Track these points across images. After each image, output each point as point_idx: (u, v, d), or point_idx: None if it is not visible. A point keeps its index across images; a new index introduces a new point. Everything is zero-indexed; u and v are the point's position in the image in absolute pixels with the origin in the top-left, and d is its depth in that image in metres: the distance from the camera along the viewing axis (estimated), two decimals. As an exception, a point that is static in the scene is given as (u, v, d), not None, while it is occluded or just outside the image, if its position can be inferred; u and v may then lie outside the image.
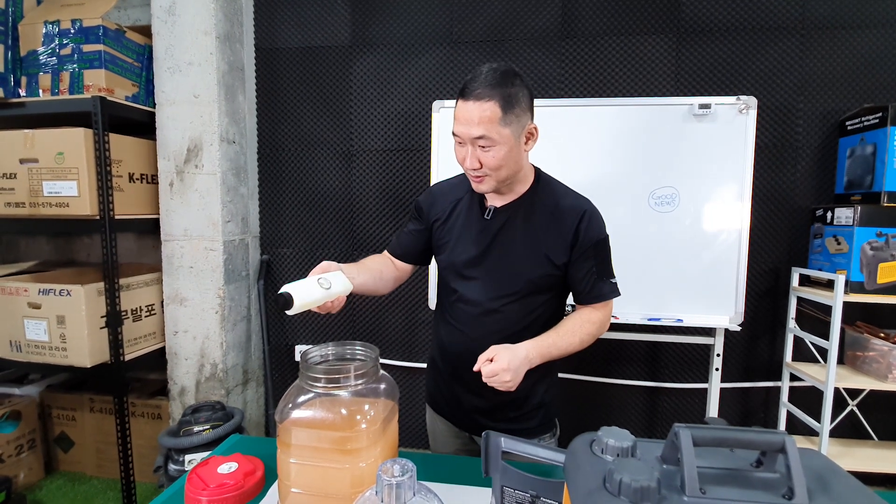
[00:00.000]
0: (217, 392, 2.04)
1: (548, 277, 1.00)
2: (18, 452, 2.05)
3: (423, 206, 1.13)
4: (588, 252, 0.99)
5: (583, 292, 1.01)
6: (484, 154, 0.92)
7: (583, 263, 0.99)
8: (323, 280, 0.89)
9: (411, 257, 1.15)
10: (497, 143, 0.91)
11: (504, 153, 0.92)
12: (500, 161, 0.92)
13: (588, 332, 1.00)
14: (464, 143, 0.93)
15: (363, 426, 0.74)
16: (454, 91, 1.97)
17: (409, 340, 2.14)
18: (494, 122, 0.89)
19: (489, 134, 0.90)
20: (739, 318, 1.58)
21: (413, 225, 1.15)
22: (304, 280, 0.88)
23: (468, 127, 0.91)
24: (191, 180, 1.95)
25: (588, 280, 1.00)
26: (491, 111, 0.89)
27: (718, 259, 1.59)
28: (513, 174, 0.97)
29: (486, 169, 0.94)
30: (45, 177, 1.74)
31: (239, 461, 0.95)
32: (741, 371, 1.93)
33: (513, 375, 0.87)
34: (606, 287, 1.01)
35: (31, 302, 1.78)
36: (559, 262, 0.99)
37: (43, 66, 1.78)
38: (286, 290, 0.83)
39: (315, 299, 0.86)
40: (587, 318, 1.01)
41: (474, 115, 0.89)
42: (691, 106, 1.57)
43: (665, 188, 1.60)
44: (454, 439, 1.16)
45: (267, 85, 2.11)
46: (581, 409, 2.04)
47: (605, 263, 1.02)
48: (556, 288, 1.03)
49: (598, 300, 1.01)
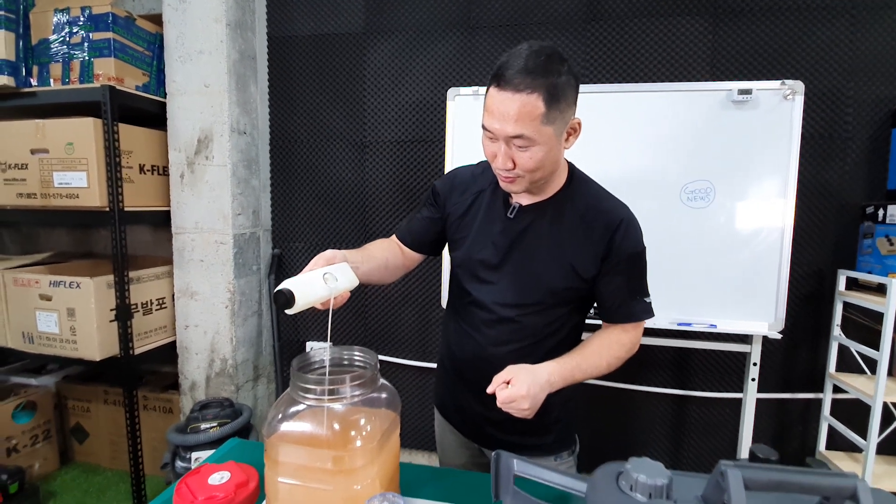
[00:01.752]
0: (227, 388, 2.01)
1: (572, 290, 0.89)
2: (34, 443, 2.07)
3: (440, 191, 1.01)
4: (621, 266, 0.87)
5: (611, 310, 0.90)
6: (520, 154, 0.79)
7: (613, 278, 0.88)
8: (329, 276, 0.77)
9: (421, 246, 1.04)
10: (536, 143, 0.77)
11: (543, 154, 0.79)
12: (537, 163, 0.79)
13: (616, 355, 0.89)
14: (495, 138, 0.80)
15: (358, 443, 0.67)
16: (470, 79, 1.87)
17: (422, 339, 2.06)
18: (536, 119, 0.75)
19: (528, 133, 0.76)
20: (780, 324, 1.45)
21: (427, 211, 1.03)
22: (307, 274, 0.76)
23: (503, 123, 0.76)
24: (201, 172, 1.91)
25: (618, 297, 0.89)
26: (532, 106, 0.74)
27: (758, 260, 1.46)
28: (548, 175, 0.86)
29: (520, 170, 0.81)
30: (56, 167, 1.72)
31: (232, 470, 0.89)
32: (778, 381, 1.79)
33: (532, 403, 0.77)
34: (638, 306, 0.90)
35: (43, 294, 1.77)
36: (586, 275, 0.88)
37: (54, 55, 1.76)
38: (286, 287, 0.71)
39: (319, 297, 0.75)
40: (615, 339, 0.90)
41: (511, 109, 0.75)
42: (730, 92, 1.44)
43: (699, 182, 1.48)
44: (463, 450, 1.07)
45: (279, 74, 2.06)
46: (601, 417, 1.93)
47: (639, 279, 0.90)
48: (578, 301, 0.93)
49: (628, 320, 0.90)
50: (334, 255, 0.82)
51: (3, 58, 1.68)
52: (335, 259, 0.82)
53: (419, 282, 2.01)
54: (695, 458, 1.90)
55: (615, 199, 0.91)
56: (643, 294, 0.90)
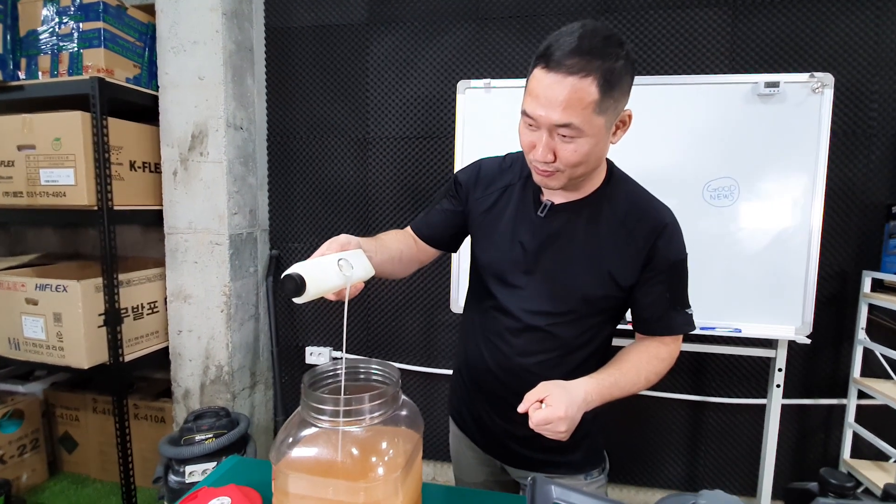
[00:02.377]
0: (223, 396, 1.92)
1: (608, 299, 0.82)
2: (21, 453, 1.96)
3: (462, 182, 0.93)
4: (663, 275, 0.80)
5: (650, 321, 0.83)
6: (563, 146, 0.70)
7: (654, 287, 0.80)
8: (344, 262, 0.67)
9: (438, 241, 0.96)
10: (584, 135, 0.69)
11: (589, 148, 0.70)
12: (581, 157, 0.71)
13: (655, 370, 0.82)
14: (537, 126, 0.71)
15: (380, 472, 0.59)
16: (480, 72, 1.79)
17: (428, 344, 1.98)
18: (588, 107, 0.66)
19: (577, 122, 0.67)
20: (808, 328, 1.38)
21: (448, 203, 0.94)
22: (319, 259, 0.67)
23: (549, 109, 0.67)
24: (196, 169, 1.82)
25: (658, 308, 0.81)
26: (585, 92, 0.65)
27: (784, 261, 1.39)
28: (590, 172, 0.77)
29: (561, 164, 0.72)
30: (43, 164, 1.62)
31: (233, 496, 0.80)
32: (800, 386, 1.72)
33: (569, 425, 0.69)
34: (680, 318, 0.82)
35: (29, 298, 1.67)
36: (625, 284, 0.80)
37: (42, 47, 1.67)
38: (297, 272, 0.61)
39: (333, 285, 0.65)
40: (654, 353, 0.83)
41: (560, 94, 0.66)
42: (756, 85, 1.36)
43: (722, 179, 1.40)
44: (483, 467, 0.99)
45: (278, 67, 1.97)
46: (615, 423, 1.85)
47: (681, 289, 0.83)
48: (613, 310, 0.85)
49: (667, 333, 0.83)
50: (349, 240, 0.74)
51: (-14, 48, 1.58)
52: (350, 245, 0.73)
53: (425, 283, 1.93)
54: (713, 467, 1.83)
55: (658, 201, 0.83)
56: (684, 305, 0.83)
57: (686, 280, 0.83)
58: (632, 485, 1.91)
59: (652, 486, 1.89)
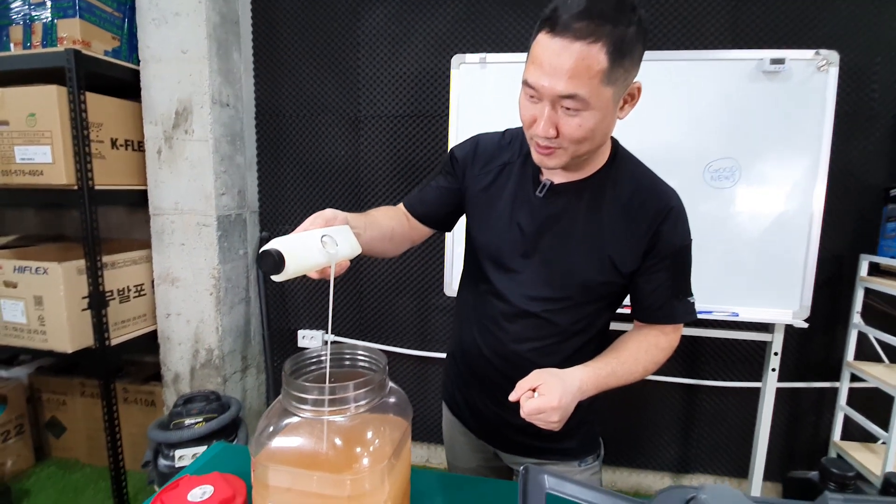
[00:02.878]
0: (213, 380, 1.89)
1: (607, 285, 0.78)
2: (5, 439, 1.93)
3: (460, 159, 0.87)
4: (666, 261, 0.76)
5: (650, 310, 0.79)
6: (567, 120, 0.65)
7: (656, 274, 0.76)
8: (328, 239, 0.63)
9: (432, 220, 0.91)
10: (591, 108, 0.63)
11: (595, 122, 0.65)
12: (586, 132, 0.65)
13: (654, 359, 0.78)
14: (539, 98, 0.65)
15: (365, 463, 0.56)
16: (476, 46, 1.72)
17: (422, 327, 1.96)
18: (595, 76, 0.61)
19: (583, 93, 0.61)
20: (805, 312, 1.37)
21: (442, 180, 0.89)
22: (301, 234, 0.62)
23: (554, 78, 0.62)
24: (181, 148, 1.75)
25: (660, 296, 0.77)
26: (593, 60, 0.60)
27: (783, 245, 1.36)
28: (594, 150, 0.72)
29: (564, 140, 0.67)
30: (17, 141, 1.55)
31: (216, 484, 0.77)
32: (792, 370, 1.72)
33: (562, 415, 0.66)
34: (681, 307, 0.78)
35: (7, 280, 1.61)
36: (625, 270, 0.76)
37: (14, 17, 1.58)
38: (275, 248, 0.57)
39: (314, 263, 0.61)
40: (653, 341, 0.79)
41: (566, 62, 0.60)
42: (761, 61, 1.32)
43: (723, 160, 1.37)
44: (475, 453, 0.97)
45: (265, 41, 1.89)
46: (607, 407, 1.84)
47: (684, 277, 0.79)
48: (612, 297, 0.82)
49: (668, 322, 0.79)
50: (335, 215, 0.68)
51: (-48, 17, 1.49)
52: (335, 220, 0.68)
53: (419, 266, 1.90)
54: (706, 449, 1.84)
55: (664, 183, 0.78)
56: (687, 293, 0.79)
57: (690, 267, 0.80)
58: (625, 467, 1.91)
59: (645, 468, 1.90)
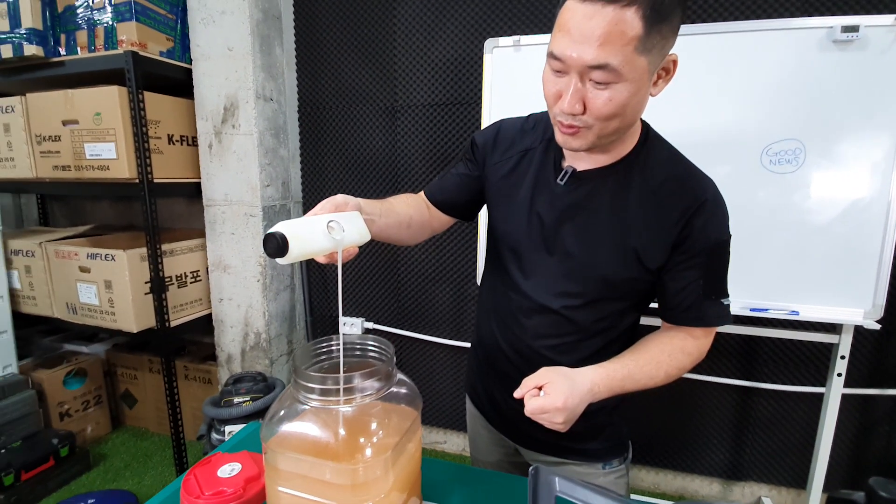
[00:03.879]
0: (261, 362, 2.00)
1: (632, 282, 0.72)
2: (85, 408, 2.16)
3: (479, 145, 0.85)
4: (698, 258, 0.69)
5: (677, 310, 0.72)
6: (596, 94, 0.59)
7: (686, 272, 0.70)
8: (335, 224, 0.62)
9: (452, 208, 0.88)
10: (623, 79, 0.57)
11: (626, 97, 0.59)
12: (616, 108, 0.59)
13: (679, 364, 0.71)
14: (565, 71, 0.60)
15: (368, 453, 0.56)
16: (511, 29, 1.66)
17: (457, 317, 1.95)
18: (629, 44, 0.55)
19: (615, 63, 0.56)
20: (878, 312, 1.22)
21: (463, 167, 0.87)
22: (308, 219, 0.62)
23: (582, 47, 0.56)
24: (228, 142, 1.84)
25: (689, 296, 0.70)
26: (628, 25, 0.54)
27: (855, 236, 1.21)
28: (624, 129, 0.65)
29: (591, 117, 0.61)
30: (86, 138, 1.69)
31: (244, 462, 0.82)
32: (864, 375, 1.55)
33: (567, 417, 0.62)
34: (713, 309, 0.71)
35: (82, 266, 1.78)
36: (652, 265, 0.70)
37: (79, 22, 1.71)
38: (279, 231, 0.56)
39: (319, 248, 0.61)
40: (679, 345, 0.72)
41: (597, 27, 0.54)
42: (830, 30, 1.17)
43: (786, 141, 1.23)
44: (496, 448, 0.96)
45: (306, 35, 1.93)
46: (653, 407, 1.76)
47: (718, 276, 0.71)
48: (638, 295, 0.75)
49: (696, 324, 0.72)
50: (346, 200, 0.67)
51: (30, 27, 1.64)
52: (346, 206, 0.66)
53: (455, 256, 1.89)
54: (760, 456, 1.71)
55: (700, 171, 0.71)
56: (721, 294, 0.72)
57: (726, 266, 0.72)
58: (670, 469, 1.82)
59: (692, 472, 1.80)
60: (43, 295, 1.91)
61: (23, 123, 1.78)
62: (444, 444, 2.11)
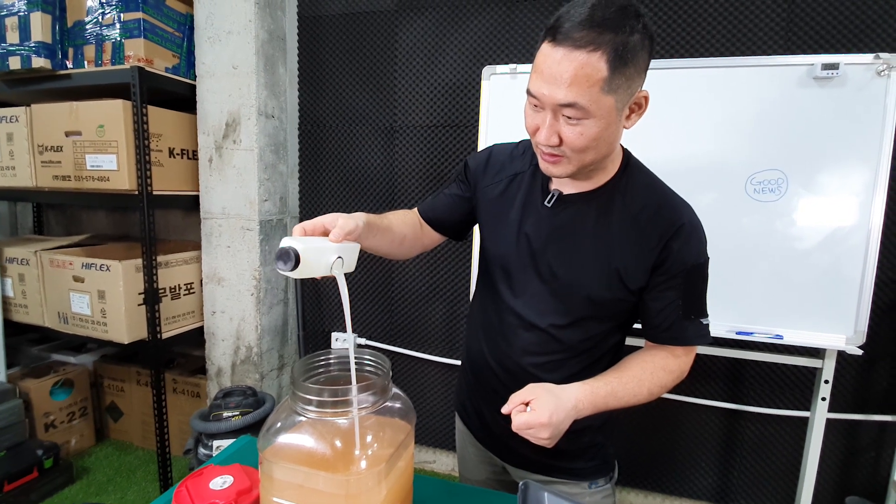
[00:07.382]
0: (252, 376, 1.99)
1: (616, 303, 0.76)
2: (70, 419, 2.12)
3: (472, 168, 0.89)
4: (676, 279, 0.73)
5: (658, 329, 0.76)
6: (569, 128, 0.65)
7: (665, 293, 0.73)
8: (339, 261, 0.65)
9: (443, 226, 0.92)
10: (591, 116, 0.63)
11: (597, 131, 0.65)
12: (588, 141, 0.65)
13: (661, 382, 0.75)
14: (541, 107, 0.66)
15: (363, 465, 0.58)
16: (508, 57, 1.73)
17: (450, 334, 1.97)
18: (595, 85, 0.61)
19: (583, 102, 0.62)
20: (860, 338, 1.25)
21: (455, 188, 0.91)
22: (321, 244, 0.64)
23: (554, 87, 0.62)
24: (229, 156, 1.87)
25: (669, 316, 0.74)
26: (592, 68, 0.60)
27: (836, 264, 1.26)
28: (600, 159, 0.71)
29: (567, 149, 0.67)
30: (88, 150, 1.72)
31: (235, 475, 0.82)
32: (849, 400, 1.58)
33: (552, 433, 0.65)
34: (692, 329, 0.75)
35: (76, 275, 1.79)
36: (633, 286, 0.74)
37: (87, 37, 1.75)
38: (295, 247, 0.59)
39: (318, 274, 0.64)
40: (661, 364, 0.76)
41: (566, 70, 0.61)
42: (811, 67, 1.23)
43: (769, 171, 1.29)
44: (485, 466, 0.97)
45: (309, 55, 1.98)
46: (639, 428, 1.77)
47: (697, 297, 0.75)
48: (623, 315, 0.79)
49: (678, 343, 0.76)
50: (356, 225, 0.68)
51: (39, 40, 1.68)
52: (354, 233, 0.68)
53: (449, 274, 1.91)
54: (747, 480, 1.72)
55: (678, 197, 0.76)
56: (700, 314, 0.75)
57: (704, 287, 0.76)
58: (657, 492, 1.82)
59: (680, 496, 1.80)
60: (35, 303, 1.90)
61: (26, 133, 1.81)
62: (434, 464, 2.10)
